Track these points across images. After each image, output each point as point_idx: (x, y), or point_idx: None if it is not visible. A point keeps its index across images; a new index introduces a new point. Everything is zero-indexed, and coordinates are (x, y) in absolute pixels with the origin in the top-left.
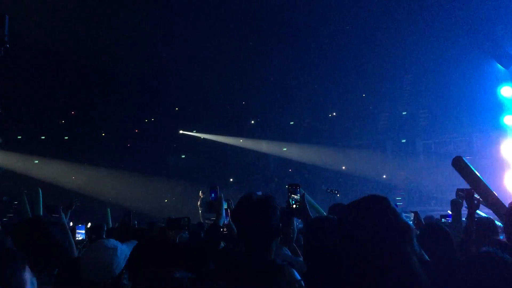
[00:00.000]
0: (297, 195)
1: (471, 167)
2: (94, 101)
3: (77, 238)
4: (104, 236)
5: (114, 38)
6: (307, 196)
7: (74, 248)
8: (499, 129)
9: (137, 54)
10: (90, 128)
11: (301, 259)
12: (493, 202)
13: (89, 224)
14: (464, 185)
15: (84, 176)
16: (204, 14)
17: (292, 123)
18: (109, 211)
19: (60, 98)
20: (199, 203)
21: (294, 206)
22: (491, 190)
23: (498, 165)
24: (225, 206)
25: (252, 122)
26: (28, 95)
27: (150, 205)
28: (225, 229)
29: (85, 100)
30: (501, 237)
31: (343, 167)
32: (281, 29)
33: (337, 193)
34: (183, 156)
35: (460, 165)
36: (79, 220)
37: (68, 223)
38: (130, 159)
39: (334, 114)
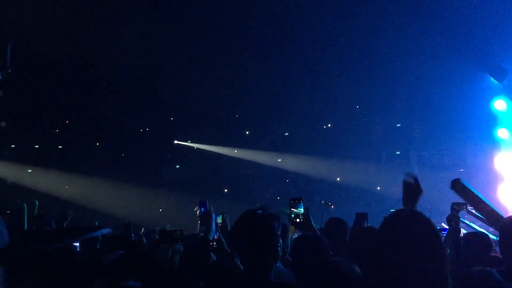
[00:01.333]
0: (299, 209)
1: (470, 187)
2: (89, 111)
3: None
4: (97, 246)
5: (109, 48)
6: (285, 212)
7: None
8: (492, 142)
9: (133, 64)
10: (84, 138)
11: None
12: (496, 221)
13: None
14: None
15: (78, 185)
16: (200, 25)
17: (287, 134)
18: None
19: (54, 107)
20: (198, 213)
21: (297, 220)
22: (493, 209)
23: (491, 178)
24: (219, 219)
25: (247, 132)
26: (22, 104)
27: (144, 215)
28: (214, 243)
29: (79, 109)
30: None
31: (338, 179)
32: (277, 40)
33: (331, 205)
34: (178, 166)
35: (458, 188)
36: None
37: None
38: (124, 169)
39: (329, 125)
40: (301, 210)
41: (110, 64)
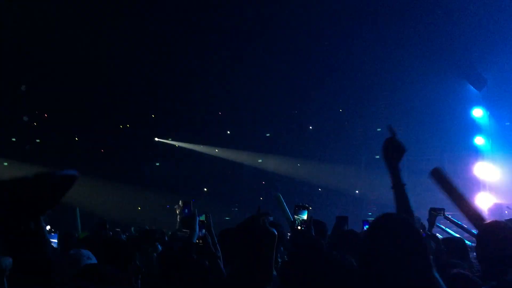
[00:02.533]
0: (303, 217)
1: (451, 179)
2: (68, 105)
3: None
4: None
5: (90, 42)
6: (280, 199)
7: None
8: (470, 149)
9: (114, 58)
10: (63, 132)
11: None
12: (473, 216)
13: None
14: (438, 204)
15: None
16: (182, 23)
17: (268, 134)
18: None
19: (33, 99)
20: (178, 211)
21: (300, 227)
22: (470, 204)
23: (468, 185)
24: (202, 218)
25: (228, 132)
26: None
27: (122, 213)
28: (200, 241)
29: (58, 103)
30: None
31: (318, 181)
32: (261, 41)
33: (310, 208)
34: (158, 164)
35: (438, 177)
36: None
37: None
38: (103, 165)
39: (311, 127)
40: (304, 217)
41: (91, 58)
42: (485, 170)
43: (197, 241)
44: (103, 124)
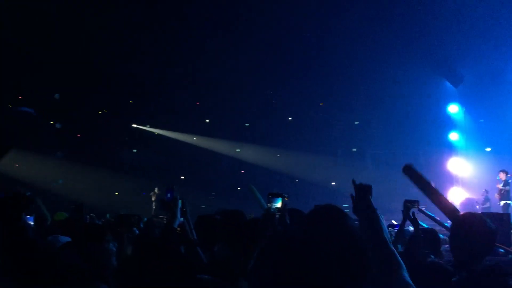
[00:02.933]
0: (276, 205)
1: (421, 174)
2: (44, 87)
3: None
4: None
5: (68, 27)
6: (254, 189)
7: None
8: (444, 145)
9: (93, 43)
10: (39, 116)
11: None
12: (447, 209)
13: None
14: (412, 196)
15: (30, 165)
16: (163, 9)
17: (247, 124)
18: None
19: (8, 82)
20: (153, 198)
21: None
22: (444, 197)
23: (442, 179)
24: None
25: (207, 120)
26: None
27: (99, 199)
28: (179, 229)
29: (34, 85)
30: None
31: (295, 172)
32: (243, 31)
33: (286, 198)
34: (135, 151)
35: (411, 173)
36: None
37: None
38: (80, 150)
39: (290, 119)
40: (278, 205)
41: (69, 43)
42: (458, 165)
43: (176, 228)
44: (81, 110)
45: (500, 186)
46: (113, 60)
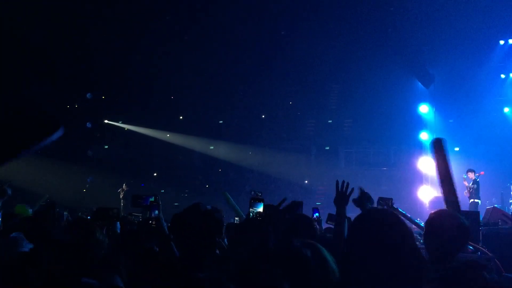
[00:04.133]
0: (258, 209)
1: (446, 154)
2: (15, 83)
3: None
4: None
5: (45, 18)
6: (228, 196)
7: None
8: (415, 144)
9: (67, 38)
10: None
11: None
12: (449, 197)
13: None
14: (383, 194)
15: None
16: (140, 6)
17: (221, 121)
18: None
19: None
20: (121, 195)
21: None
22: (453, 186)
23: (412, 178)
24: (151, 200)
25: (181, 117)
26: None
27: (68, 194)
28: (153, 222)
29: (5, 81)
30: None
31: (268, 169)
32: (215, 28)
33: (260, 196)
34: (106, 147)
35: (438, 146)
36: None
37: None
38: (50, 145)
39: (263, 116)
40: (259, 209)
41: (44, 37)
42: (427, 164)
43: (150, 222)
44: (53, 104)
45: (469, 185)
46: (86, 54)
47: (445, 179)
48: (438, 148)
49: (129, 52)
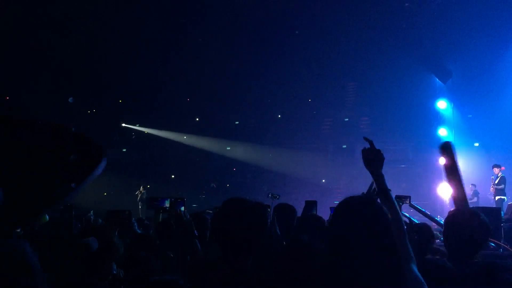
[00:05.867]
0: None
1: (455, 156)
2: (33, 89)
3: None
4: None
5: (58, 24)
6: None
7: None
8: (433, 141)
9: (82, 43)
10: (26, 116)
11: None
12: (460, 196)
13: None
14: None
15: None
16: (152, 8)
17: (237, 122)
18: None
19: None
20: (138, 198)
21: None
22: (462, 186)
23: (431, 174)
24: (167, 203)
25: (197, 119)
26: None
27: (88, 198)
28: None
29: (23, 86)
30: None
31: (285, 169)
32: (233, 29)
33: (278, 198)
34: (124, 150)
35: (447, 149)
36: None
37: None
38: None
39: (280, 116)
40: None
41: (59, 41)
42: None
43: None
44: (70, 109)
45: (494, 181)
46: (103, 59)
47: (453, 179)
48: (447, 151)
49: (145, 56)
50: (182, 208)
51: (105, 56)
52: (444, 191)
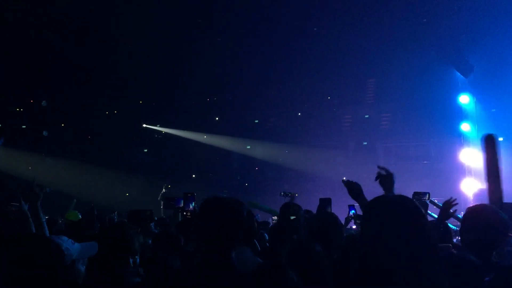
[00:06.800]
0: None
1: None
2: (54, 90)
3: None
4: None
5: (78, 27)
6: (254, 203)
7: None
8: (456, 136)
9: (102, 45)
10: (49, 118)
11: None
12: (495, 195)
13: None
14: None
15: (42, 166)
16: (173, 8)
17: (257, 121)
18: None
19: (19, 85)
20: (159, 197)
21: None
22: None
23: (454, 171)
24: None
25: (217, 118)
26: None
27: (110, 199)
28: (188, 213)
29: (44, 89)
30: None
31: (305, 167)
32: (250, 29)
33: (290, 195)
34: (146, 150)
35: (491, 143)
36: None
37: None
38: (91, 151)
39: (299, 114)
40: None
41: (79, 44)
42: (470, 156)
43: (184, 213)
44: (91, 111)
45: None
46: (122, 60)
47: (492, 176)
48: (490, 144)
49: (164, 57)
50: (193, 204)
51: (125, 57)
52: (468, 187)
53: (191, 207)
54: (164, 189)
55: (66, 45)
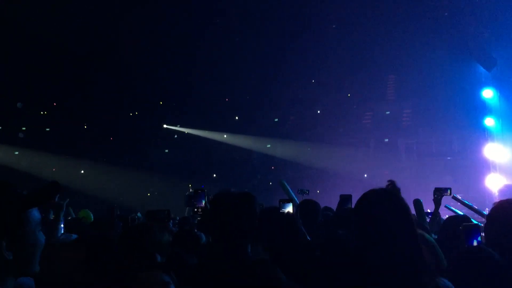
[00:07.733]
0: (287, 209)
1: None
2: (77, 93)
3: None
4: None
5: (98, 29)
6: (284, 183)
7: None
8: (479, 131)
9: (122, 46)
10: (72, 120)
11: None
12: None
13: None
14: (447, 184)
15: (65, 168)
16: (190, 8)
17: (276, 119)
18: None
19: (42, 88)
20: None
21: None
22: None
23: (478, 167)
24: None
25: (237, 117)
26: (9, 85)
27: (132, 199)
28: (199, 210)
29: (67, 91)
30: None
31: (326, 165)
32: (268, 27)
33: (307, 193)
34: (167, 151)
35: None
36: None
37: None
38: (113, 152)
39: (319, 111)
40: (288, 209)
41: (100, 47)
42: (495, 151)
43: (196, 209)
44: (112, 112)
45: None
46: (143, 63)
47: None
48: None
49: (184, 58)
50: (204, 201)
51: (145, 59)
52: (493, 183)
53: (202, 203)
54: (190, 189)
55: (90, 47)
